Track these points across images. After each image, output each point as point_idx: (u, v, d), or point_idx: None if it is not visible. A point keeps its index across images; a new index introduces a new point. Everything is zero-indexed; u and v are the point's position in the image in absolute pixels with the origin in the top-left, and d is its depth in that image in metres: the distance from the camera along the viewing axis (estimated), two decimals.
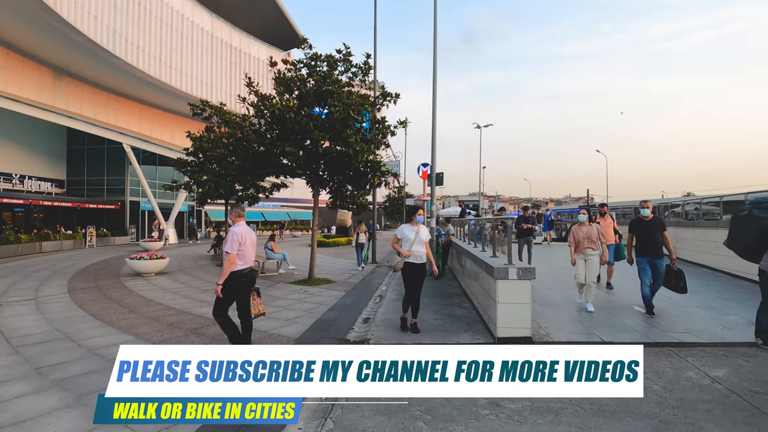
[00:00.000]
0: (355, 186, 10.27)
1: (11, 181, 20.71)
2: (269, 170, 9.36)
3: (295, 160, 8.57)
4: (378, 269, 12.76)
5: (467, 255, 7.78)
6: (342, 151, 8.79)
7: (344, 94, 8.77)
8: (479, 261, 6.12)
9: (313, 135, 8.44)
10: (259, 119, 9.14)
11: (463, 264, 9.34)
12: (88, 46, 19.81)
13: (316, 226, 10.01)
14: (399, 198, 40.58)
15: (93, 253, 18.97)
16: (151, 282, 10.35)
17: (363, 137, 9.19)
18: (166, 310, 7.02)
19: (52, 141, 25.52)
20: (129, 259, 11.59)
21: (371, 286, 9.45)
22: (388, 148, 10.79)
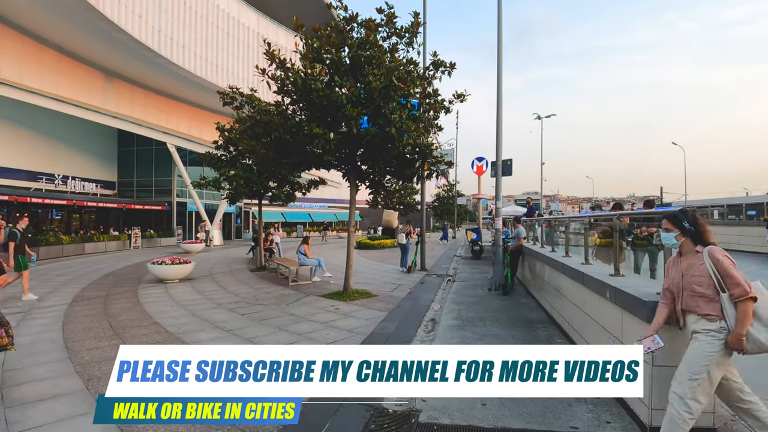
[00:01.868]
0: (399, 176, 8.31)
1: (53, 181, 20.83)
2: (296, 159, 7.64)
3: (324, 145, 6.77)
4: (428, 279, 10.70)
5: (560, 269, 5.53)
6: (383, 132, 6.87)
7: (385, 58, 6.84)
8: (602, 286, 3.80)
9: (345, 111, 6.59)
10: (283, 96, 7.45)
11: (542, 276, 7.07)
12: (133, 45, 19.46)
13: (352, 228, 8.17)
14: (449, 197, 38.05)
15: (134, 254, 18.54)
16: (169, 291, 9.03)
17: (410, 114, 7.22)
18: (156, 335, 5.45)
19: (104, 143, 25.92)
20: (151, 264, 10.44)
21: (420, 304, 7.44)
22: (440, 131, 8.58)
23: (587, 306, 4.23)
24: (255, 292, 8.71)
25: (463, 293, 8.43)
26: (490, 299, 7.73)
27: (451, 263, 14.60)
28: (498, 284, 8.56)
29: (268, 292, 8.75)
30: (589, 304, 4.16)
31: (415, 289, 9.11)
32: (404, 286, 9.47)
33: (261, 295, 8.35)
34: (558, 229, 7.19)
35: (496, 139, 9.11)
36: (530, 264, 8.70)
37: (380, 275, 11.34)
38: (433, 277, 11.10)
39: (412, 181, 8.75)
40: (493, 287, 8.64)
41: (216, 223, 25.79)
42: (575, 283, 4.67)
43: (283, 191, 11.97)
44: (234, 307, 7.28)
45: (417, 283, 9.89)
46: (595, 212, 9.01)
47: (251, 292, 8.80)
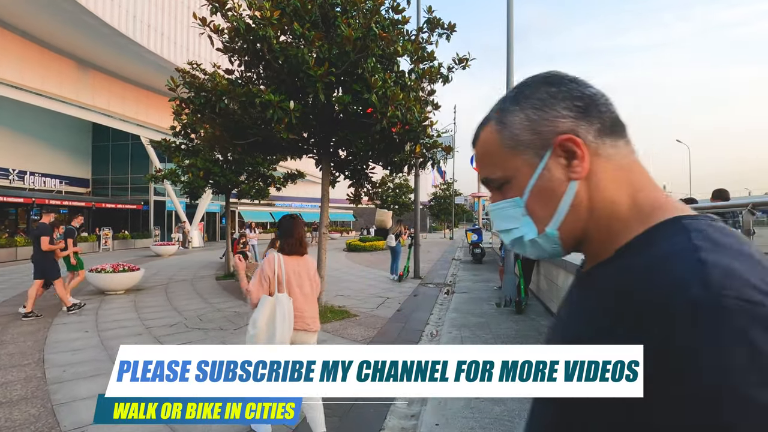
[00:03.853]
0: (385, 163, 6.56)
1: (7, 177, 18.82)
2: (251, 139, 5.89)
3: (282, 117, 5.02)
4: (422, 290, 8.98)
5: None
6: (360, 101, 5.16)
7: (362, 2, 5.11)
8: None
9: (308, 69, 4.87)
10: (231, 57, 5.72)
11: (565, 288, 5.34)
12: (105, 32, 17.63)
13: (324, 228, 6.41)
14: (446, 197, 36.36)
15: (102, 258, 16.65)
16: (101, 307, 7.29)
17: (397, 81, 5.52)
18: (17, 384, 3.70)
19: (77, 137, 24.06)
20: (89, 272, 8.67)
21: (410, 328, 5.73)
22: (437, 110, 6.76)
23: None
24: (204, 310, 6.96)
25: (466, 311, 6.72)
26: (500, 320, 6.02)
27: (449, 269, 12.88)
28: (509, 299, 6.87)
29: (220, 309, 7.00)
30: None
31: (407, 304, 7.38)
32: (393, 300, 7.73)
33: (209, 315, 6.61)
34: None
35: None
36: (548, 272, 7.01)
37: (366, 285, 9.60)
38: (429, 286, 9.38)
39: (402, 171, 7.00)
40: (503, 302, 6.94)
41: (196, 224, 23.95)
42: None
43: (253, 186, 10.20)
44: (166, 333, 5.54)
45: (409, 296, 8.17)
46: None
47: (200, 309, 7.05)
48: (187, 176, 9.67)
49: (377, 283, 9.83)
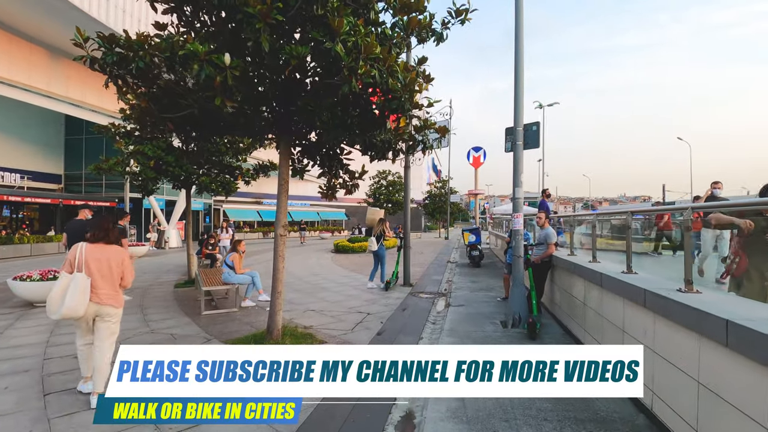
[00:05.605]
0: (360, 145, 5.12)
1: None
2: (184, 111, 4.46)
3: (210, 77, 3.59)
4: (412, 301, 7.56)
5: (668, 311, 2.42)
6: (321, 52, 3.74)
7: None
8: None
9: (246, 7, 3.44)
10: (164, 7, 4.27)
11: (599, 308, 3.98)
12: (75, 15, 15.99)
13: (281, 229, 4.95)
14: (441, 195, 34.95)
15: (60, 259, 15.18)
16: (18, 324, 5.86)
17: (370, 30, 4.12)
18: None
19: (47, 130, 22.44)
20: (11, 280, 7.22)
21: None
22: (430, 83, 5.27)
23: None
24: (133, 331, 5.49)
25: (464, 333, 5.32)
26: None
27: (443, 273, 11.48)
28: (518, 317, 5.49)
29: (154, 330, 5.54)
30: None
31: (391, 323, 5.96)
32: (374, 316, 6.31)
33: (137, 337, 5.16)
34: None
35: (515, 93, 6.01)
36: (562, 282, 5.63)
37: (346, 295, 8.16)
38: (420, 297, 7.97)
39: (385, 157, 5.59)
40: (511, 322, 5.55)
41: (173, 222, 22.41)
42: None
43: (214, 179, 8.72)
44: (56, 369, 4.09)
45: (395, 310, 6.76)
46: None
47: (130, 329, 5.58)
48: (133, 166, 8.20)
49: (359, 292, 8.40)
